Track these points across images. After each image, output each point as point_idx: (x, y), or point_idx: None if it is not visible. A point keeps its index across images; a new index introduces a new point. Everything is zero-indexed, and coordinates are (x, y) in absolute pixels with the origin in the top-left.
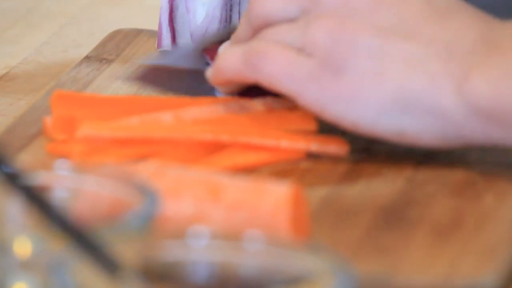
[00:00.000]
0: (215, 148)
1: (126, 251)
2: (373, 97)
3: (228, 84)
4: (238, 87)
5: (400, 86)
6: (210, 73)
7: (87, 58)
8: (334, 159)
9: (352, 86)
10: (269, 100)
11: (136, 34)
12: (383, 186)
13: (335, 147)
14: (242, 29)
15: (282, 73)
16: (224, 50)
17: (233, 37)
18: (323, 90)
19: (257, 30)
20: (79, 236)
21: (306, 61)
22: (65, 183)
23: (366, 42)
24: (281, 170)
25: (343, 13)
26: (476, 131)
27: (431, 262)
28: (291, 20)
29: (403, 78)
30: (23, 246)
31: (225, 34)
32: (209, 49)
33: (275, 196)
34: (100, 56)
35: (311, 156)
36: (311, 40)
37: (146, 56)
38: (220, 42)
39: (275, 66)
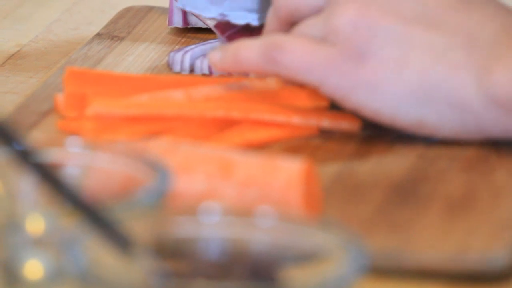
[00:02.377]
0: (227, 124)
1: (138, 227)
2: (394, 86)
3: (239, 73)
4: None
5: (421, 75)
6: (218, 58)
7: (98, 35)
8: (345, 135)
9: (374, 74)
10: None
11: (147, 11)
12: (395, 162)
13: (347, 123)
14: (270, 21)
15: (301, 64)
16: (242, 42)
17: (263, 31)
18: (344, 78)
19: (284, 21)
20: (91, 213)
21: (326, 49)
22: (77, 160)
23: (388, 29)
24: (292, 146)
25: (366, 0)
26: (495, 123)
27: (443, 237)
28: (315, 10)
29: (425, 68)
30: (35, 223)
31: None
32: (220, 24)
33: (287, 173)
34: (111, 33)
35: (323, 133)
36: (333, 28)
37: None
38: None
39: (293, 57)
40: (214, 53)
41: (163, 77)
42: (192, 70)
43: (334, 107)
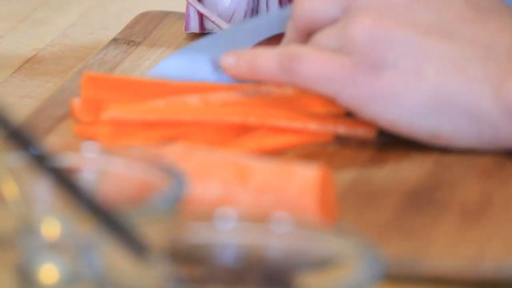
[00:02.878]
0: (243, 130)
1: (153, 233)
2: (410, 97)
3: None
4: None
5: (437, 87)
6: (232, 63)
7: (115, 40)
8: (361, 142)
9: (390, 85)
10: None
11: (163, 16)
12: (411, 168)
13: (363, 130)
14: (288, 32)
15: (318, 74)
16: (258, 50)
17: (283, 41)
18: (360, 89)
19: (302, 31)
20: (107, 218)
21: (342, 60)
22: (92, 165)
23: (405, 40)
24: (308, 152)
25: (382, 11)
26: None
27: (459, 245)
28: (333, 20)
29: (441, 79)
30: (51, 228)
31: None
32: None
33: (303, 179)
34: (128, 38)
35: (339, 139)
36: (350, 39)
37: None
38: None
39: (310, 67)
40: (228, 57)
41: (179, 83)
42: None
43: (350, 114)
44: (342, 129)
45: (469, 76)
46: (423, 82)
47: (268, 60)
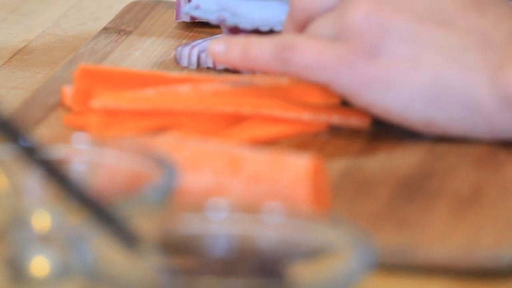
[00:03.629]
0: (236, 120)
1: (145, 224)
2: (406, 84)
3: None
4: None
5: (434, 75)
6: (222, 49)
7: (105, 29)
8: (353, 131)
9: (386, 72)
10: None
11: (154, 5)
12: (403, 157)
13: (357, 120)
14: (287, 24)
15: (312, 63)
16: (253, 39)
17: (281, 33)
18: (355, 75)
19: (300, 23)
20: (98, 209)
21: (337, 47)
22: (83, 156)
23: (402, 26)
24: (300, 142)
25: None
26: (507, 124)
27: (452, 234)
28: (330, 10)
29: (438, 67)
30: (42, 220)
31: None
32: (228, 27)
33: (295, 169)
34: (118, 27)
35: (331, 128)
36: (346, 25)
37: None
38: None
39: (304, 56)
40: (216, 43)
41: (172, 74)
42: (199, 65)
43: (344, 103)
44: (335, 118)
45: (465, 65)
46: (419, 69)
47: (262, 48)
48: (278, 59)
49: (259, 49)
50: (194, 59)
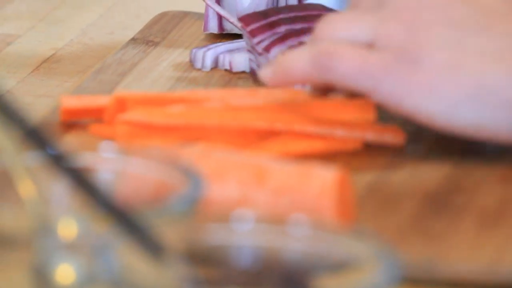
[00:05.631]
0: (267, 135)
1: (170, 234)
2: (449, 90)
3: (290, 85)
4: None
5: (476, 79)
6: (268, 73)
7: (133, 40)
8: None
9: (428, 79)
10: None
11: (182, 16)
12: (430, 172)
13: (391, 137)
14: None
15: (356, 70)
16: (289, 53)
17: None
18: (398, 83)
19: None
20: (124, 218)
21: (379, 55)
22: (110, 165)
23: (442, 34)
24: (327, 155)
25: (417, 5)
26: None
27: (477, 249)
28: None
29: (479, 71)
30: (68, 228)
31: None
32: (244, 17)
33: (321, 181)
34: (146, 38)
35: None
36: (385, 33)
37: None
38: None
39: (348, 64)
40: (264, 70)
41: (201, 92)
42: (214, 67)
43: (379, 120)
44: (370, 135)
45: (507, 68)
46: (462, 74)
47: (300, 59)
48: (318, 67)
49: (297, 60)
50: (208, 62)
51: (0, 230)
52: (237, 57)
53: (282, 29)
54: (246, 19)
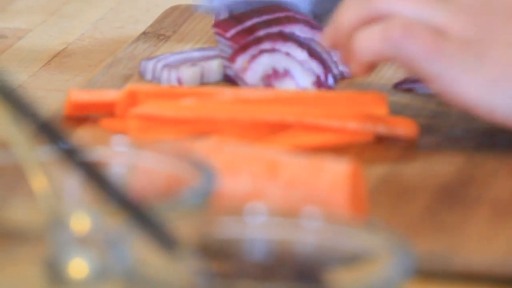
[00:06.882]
0: (279, 127)
1: (183, 227)
2: None
3: (366, 69)
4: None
5: None
6: (340, 54)
7: (144, 34)
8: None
9: (494, 73)
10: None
11: (193, 10)
12: (443, 164)
13: (404, 130)
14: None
15: (427, 53)
16: (359, 32)
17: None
18: (464, 73)
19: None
20: (137, 212)
21: (450, 43)
22: (122, 159)
23: (507, 31)
24: (339, 148)
25: (488, 1)
26: None
27: (490, 241)
28: None
29: None
30: (81, 222)
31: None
32: (219, 24)
33: (333, 174)
34: (157, 32)
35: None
36: (457, 24)
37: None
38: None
39: (420, 45)
40: (338, 53)
41: (214, 88)
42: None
43: (391, 114)
44: (381, 128)
45: None
46: None
47: (371, 37)
48: (390, 42)
49: (368, 38)
50: (159, 74)
51: (13, 224)
52: (186, 71)
53: (261, 33)
54: (221, 25)
